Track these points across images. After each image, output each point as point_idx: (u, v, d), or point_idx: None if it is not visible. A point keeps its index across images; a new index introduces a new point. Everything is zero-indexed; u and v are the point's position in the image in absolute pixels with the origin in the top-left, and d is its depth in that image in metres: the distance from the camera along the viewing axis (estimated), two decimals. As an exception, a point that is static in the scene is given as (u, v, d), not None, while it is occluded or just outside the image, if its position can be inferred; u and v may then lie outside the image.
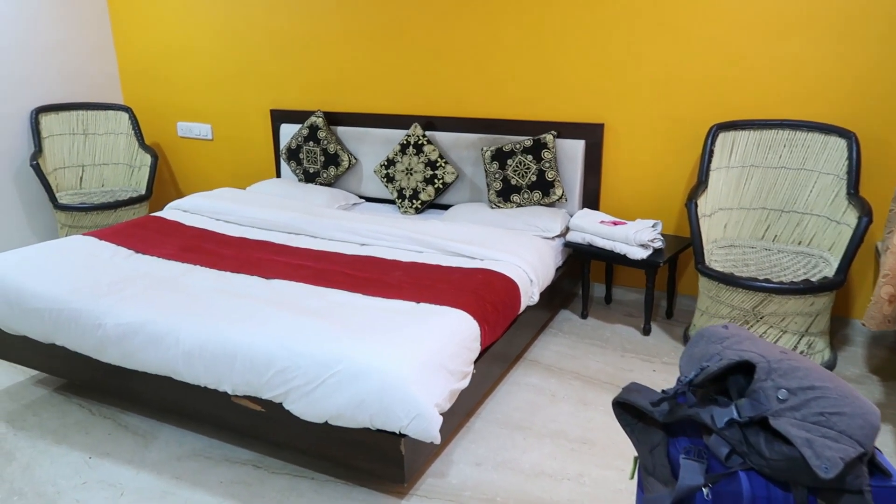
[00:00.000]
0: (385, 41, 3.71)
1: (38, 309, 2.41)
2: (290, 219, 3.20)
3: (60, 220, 4.05)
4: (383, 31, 3.69)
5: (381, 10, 3.66)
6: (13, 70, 4.05)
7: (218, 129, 4.43)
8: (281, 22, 3.96)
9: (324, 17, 3.82)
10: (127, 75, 4.68)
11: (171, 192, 4.80)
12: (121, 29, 4.57)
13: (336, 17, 3.79)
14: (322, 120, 3.83)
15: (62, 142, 4.29)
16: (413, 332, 2.06)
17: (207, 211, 3.41)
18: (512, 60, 3.44)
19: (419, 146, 3.56)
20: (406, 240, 2.95)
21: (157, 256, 2.81)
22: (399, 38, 3.66)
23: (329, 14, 3.81)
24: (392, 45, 3.69)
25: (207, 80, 4.34)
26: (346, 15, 3.76)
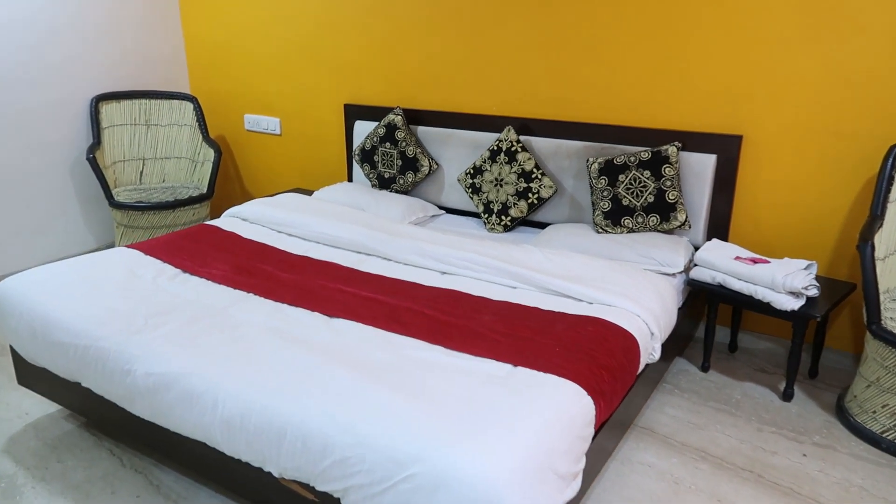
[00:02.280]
0: (477, 30, 3.19)
1: (62, 343, 2.04)
2: (361, 236, 2.75)
3: (116, 219, 3.74)
4: (475, 19, 3.18)
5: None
6: (74, 54, 3.76)
7: (287, 124, 4.04)
8: (360, 7, 3.51)
9: (408, 1, 3.34)
10: (194, 62, 4.34)
11: (235, 189, 4.45)
12: (190, 12, 4.23)
13: (422, 2, 3.30)
14: (401, 118, 3.36)
15: (122, 133, 3.99)
16: (513, 417, 1.56)
17: (268, 221, 3.00)
18: (628, 54, 2.87)
19: (512, 153, 3.04)
20: (496, 271, 2.45)
21: (206, 279, 2.41)
22: (494, 26, 3.14)
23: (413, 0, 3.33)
24: (485, 34, 3.18)
25: (278, 70, 3.94)
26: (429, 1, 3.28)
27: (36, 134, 3.66)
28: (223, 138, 4.37)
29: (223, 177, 4.48)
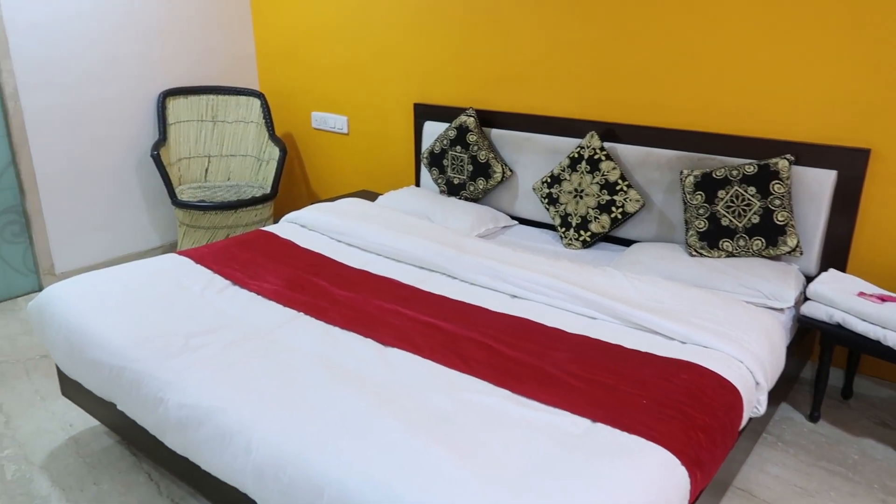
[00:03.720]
0: (559, 25, 2.89)
1: (97, 361, 1.90)
2: (424, 251, 2.51)
3: (179, 218, 3.65)
4: (556, 14, 2.88)
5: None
6: (144, 49, 3.69)
7: (355, 123, 3.85)
8: (433, 3, 3.27)
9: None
10: (264, 58, 4.22)
11: (301, 190, 4.31)
12: (261, 8, 4.10)
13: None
14: (474, 120, 3.11)
15: (189, 129, 3.90)
16: (588, 492, 1.29)
17: (327, 229, 2.81)
18: (731, 52, 2.51)
19: (595, 162, 2.74)
20: (574, 298, 2.16)
21: (256, 293, 2.23)
22: (577, 21, 2.84)
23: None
24: (567, 30, 2.88)
25: (347, 67, 3.76)
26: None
27: (104, 129, 3.60)
28: (290, 136, 4.23)
29: (288, 176, 4.35)
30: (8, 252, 3.40)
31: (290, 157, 4.28)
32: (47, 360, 2.80)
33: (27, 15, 3.21)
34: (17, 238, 3.42)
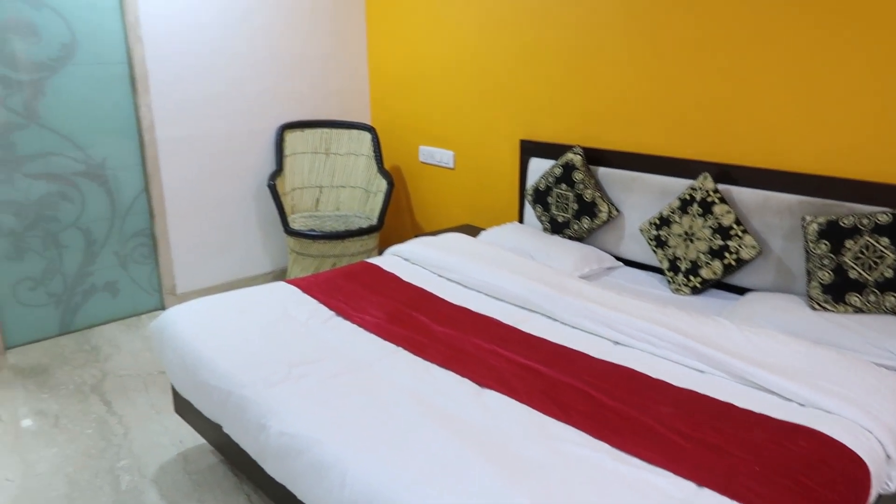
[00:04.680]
0: (670, 62, 2.81)
1: (207, 384, 1.99)
2: (524, 290, 2.48)
3: (290, 245, 3.81)
4: (667, 51, 2.81)
5: (666, 23, 2.78)
6: (268, 86, 3.92)
7: (461, 158, 3.89)
8: (542, 41, 3.27)
9: (593, 32, 3.05)
10: (376, 94, 4.37)
11: (406, 222, 4.40)
12: (376, 46, 4.27)
13: (607, 32, 2.99)
14: (580, 158, 3.07)
15: (303, 160, 4.09)
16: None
17: (430, 263, 2.84)
18: (860, 88, 2.34)
19: (707, 204, 2.62)
20: (681, 349, 2.06)
21: (358, 325, 2.28)
22: (688, 58, 2.75)
23: (600, 29, 3.02)
24: (679, 67, 2.79)
25: (455, 102, 3.82)
26: (619, 29, 2.95)
27: (227, 160, 3.84)
28: (398, 169, 4.34)
29: (395, 208, 4.45)
30: (136, 272, 3.66)
31: (396, 189, 4.39)
32: (164, 376, 2.98)
33: (166, 56, 3.49)
34: (146, 259, 3.68)
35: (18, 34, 3.09)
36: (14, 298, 3.28)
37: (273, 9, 3.85)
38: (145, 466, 2.36)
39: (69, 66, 3.24)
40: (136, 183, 3.57)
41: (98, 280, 3.54)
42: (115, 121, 3.43)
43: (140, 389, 2.89)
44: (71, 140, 3.31)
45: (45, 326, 3.40)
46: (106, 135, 3.42)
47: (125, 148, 3.49)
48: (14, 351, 3.27)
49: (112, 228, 3.53)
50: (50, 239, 3.34)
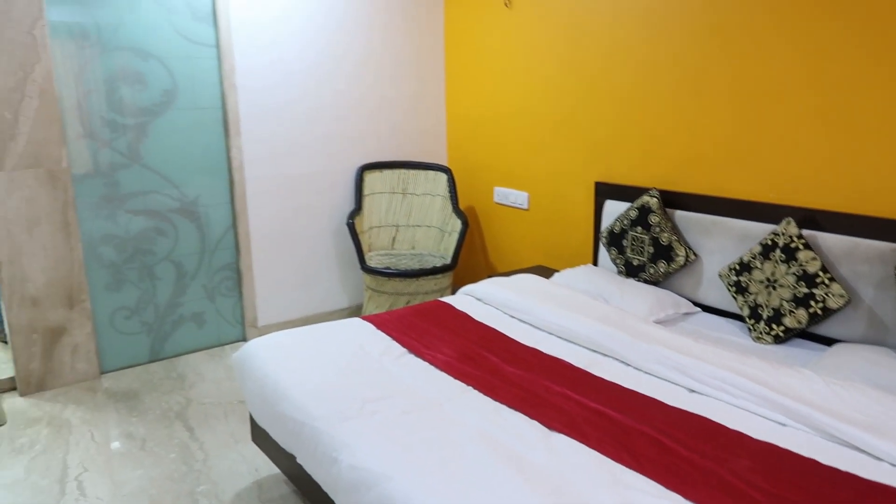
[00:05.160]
0: (750, 103, 2.77)
1: (284, 415, 2.06)
2: (597, 333, 2.46)
3: (366, 282, 3.91)
4: (747, 91, 2.76)
5: (748, 64, 2.74)
6: (351, 127, 4.09)
7: (535, 199, 3.92)
8: (617, 80, 3.29)
9: (670, 73, 3.04)
10: (453, 135, 4.48)
11: (480, 262, 4.44)
12: (454, 89, 4.39)
13: (686, 74, 2.98)
14: (657, 201, 3.03)
15: (381, 200, 4.21)
16: None
17: (502, 304, 2.85)
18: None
19: (791, 250, 2.53)
20: (761, 400, 1.98)
21: (429, 363, 2.31)
22: (770, 98, 2.69)
23: (678, 70, 3.01)
24: (760, 107, 2.74)
25: (530, 144, 3.87)
26: (698, 70, 2.93)
27: (310, 198, 4.01)
28: (472, 209, 4.41)
29: (469, 248, 4.51)
30: (222, 304, 3.84)
31: (471, 229, 4.45)
32: (243, 405, 3.09)
33: (257, 102, 3.71)
34: (231, 292, 3.86)
35: (127, 82, 3.36)
36: (111, 326, 3.50)
37: (358, 57, 4.04)
38: (222, 492, 2.44)
39: (170, 111, 3.50)
40: (225, 219, 3.77)
41: (187, 311, 3.73)
42: (209, 161, 3.66)
43: (221, 417, 3.01)
44: (168, 179, 3.55)
45: (137, 353, 3.61)
46: (200, 174, 3.64)
47: (216, 186, 3.71)
48: (108, 375, 3.47)
49: (202, 262, 3.74)
50: (145, 271, 3.56)
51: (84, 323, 3.36)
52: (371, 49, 4.09)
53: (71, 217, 3.25)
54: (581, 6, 3.43)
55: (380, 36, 4.11)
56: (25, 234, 3.15)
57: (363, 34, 4.04)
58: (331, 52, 3.93)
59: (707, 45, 2.90)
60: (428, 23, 4.31)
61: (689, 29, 2.96)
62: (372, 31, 4.07)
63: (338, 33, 3.94)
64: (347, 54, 4.00)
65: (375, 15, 4.07)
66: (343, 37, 3.97)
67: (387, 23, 4.13)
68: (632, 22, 3.19)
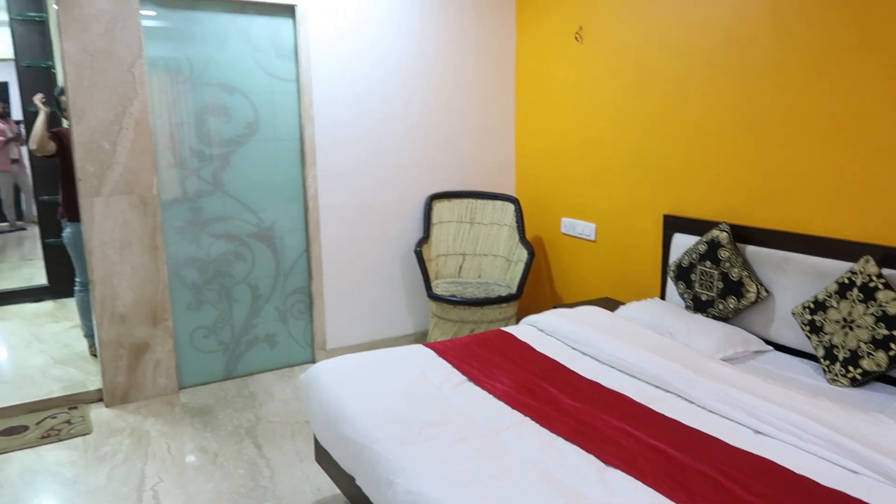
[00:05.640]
0: (826, 137, 2.69)
1: (345, 437, 2.13)
2: (659, 368, 2.42)
3: (432, 309, 3.98)
4: (823, 124, 2.68)
5: (823, 96, 2.67)
6: (420, 157, 4.21)
7: (602, 230, 3.90)
8: (687, 112, 3.26)
9: (743, 105, 2.99)
10: (522, 165, 4.53)
11: (546, 292, 4.43)
12: (524, 121, 4.45)
13: (758, 106, 2.92)
14: (727, 235, 2.97)
15: (449, 229, 4.29)
16: None
17: (564, 335, 2.85)
18: None
19: (870, 290, 2.43)
20: (832, 445, 1.90)
21: (488, 391, 2.34)
22: (847, 131, 2.61)
23: (750, 102, 2.96)
24: (836, 141, 2.65)
25: (597, 175, 3.87)
26: (772, 102, 2.87)
27: (379, 226, 4.13)
28: (539, 239, 4.42)
29: (535, 278, 4.51)
30: (294, 326, 3.99)
31: (537, 259, 4.46)
32: (309, 425, 3.18)
33: (332, 133, 3.88)
34: (302, 315, 4.01)
35: (214, 115, 3.59)
36: (190, 344, 3.70)
37: (430, 91, 4.16)
38: (286, 510, 2.53)
39: (251, 142, 3.70)
40: (299, 245, 3.93)
41: (260, 332, 3.89)
42: (285, 189, 3.84)
43: (287, 436, 3.11)
44: (247, 206, 3.74)
45: (213, 371, 3.78)
46: (277, 201, 3.82)
47: (292, 213, 3.88)
48: (186, 391, 3.66)
49: (276, 285, 3.90)
50: (224, 292, 3.75)
51: (166, 340, 3.57)
52: (443, 83, 4.21)
53: (158, 240, 3.47)
54: (649, 41, 3.44)
55: (452, 71, 4.23)
56: (118, 256, 3.38)
57: (436, 69, 4.17)
58: (404, 85, 4.07)
59: (779, 76, 2.84)
60: (500, 58, 4.40)
61: (761, 61, 2.91)
62: (445, 66, 4.19)
63: (410, 68, 4.08)
64: (420, 88, 4.13)
65: (448, 51, 4.19)
66: (416, 71, 4.10)
67: (459, 58, 4.24)
68: (700, 55, 3.17)
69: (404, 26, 4.02)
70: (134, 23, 3.26)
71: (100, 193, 3.30)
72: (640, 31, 3.50)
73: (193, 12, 3.47)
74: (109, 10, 3.19)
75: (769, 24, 2.87)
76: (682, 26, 3.26)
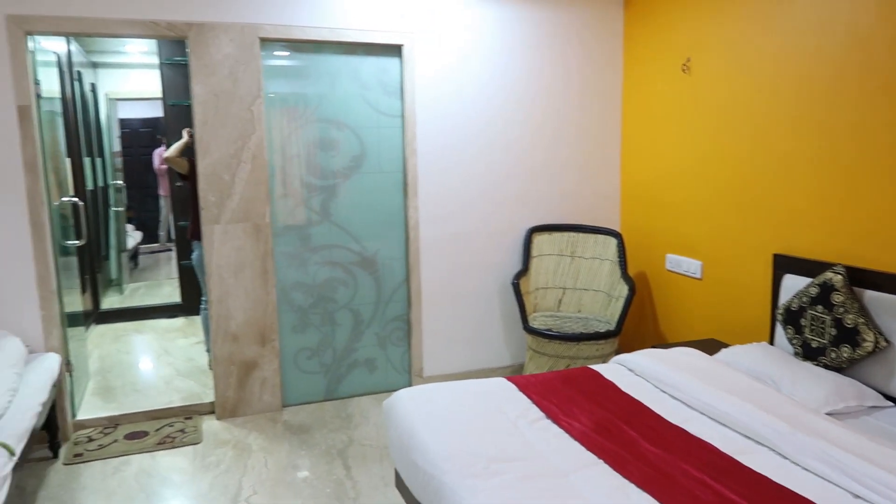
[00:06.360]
0: (965, 175, 2.43)
1: (415, 464, 2.17)
2: (754, 419, 2.26)
3: (528, 342, 3.95)
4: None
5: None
6: (522, 189, 4.23)
7: (709, 268, 3.72)
8: (800, 147, 3.06)
9: (859, 139, 2.77)
10: (627, 199, 4.43)
11: (648, 329, 4.27)
12: (629, 154, 4.36)
13: (876, 141, 2.69)
14: (841, 278, 2.74)
15: (549, 262, 4.25)
16: None
17: (653, 376, 2.74)
18: None
19: None
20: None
21: (564, 430, 2.29)
22: None
23: (867, 136, 2.73)
24: (977, 181, 2.39)
25: (705, 212, 3.70)
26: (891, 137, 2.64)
27: (478, 256, 4.18)
28: (643, 275, 4.28)
29: (638, 315, 4.36)
30: (392, 352, 4.11)
31: (641, 296, 4.31)
32: (397, 451, 3.25)
33: (434, 166, 3.99)
34: (400, 342, 4.12)
35: (324, 149, 3.81)
36: (294, 364, 3.90)
37: (532, 123, 4.19)
38: (365, 533, 2.59)
39: (357, 174, 3.89)
40: (400, 273, 4.05)
41: (360, 356, 4.04)
42: (388, 219, 3.99)
43: (376, 460, 3.20)
44: (352, 235, 3.92)
45: (314, 391, 3.96)
46: (380, 231, 3.98)
47: (394, 243, 4.02)
48: (288, 409, 3.85)
49: (376, 312, 4.04)
50: (327, 316, 3.94)
51: (272, 359, 3.79)
52: (545, 115, 4.22)
53: (269, 265, 3.71)
54: (760, 71, 3.27)
55: (556, 103, 4.23)
56: (232, 279, 3.65)
57: (539, 101, 4.19)
58: (505, 118, 4.12)
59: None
60: (605, 89, 4.36)
61: (881, 89, 2.69)
62: (549, 97, 4.21)
63: (512, 101, 4.13)
64: (522, 121, 4.17)
65: (552, 84, 4.20)
66: (518, 104, 4.14)
67: (564, 91, 4.24)
68: (818, 87, 2.98)
69: (506, 61, 4.09)
70: (255, 66, 3.55)
71: (219, 221, 3.59)
72: (750, 60, 3.34)
73: (309, 54, 3.73)
74: (233, 55, 3.50)
75: (889, 48, 2.65)
76: (795, 55, 3.09)
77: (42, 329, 3.36)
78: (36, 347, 3.34)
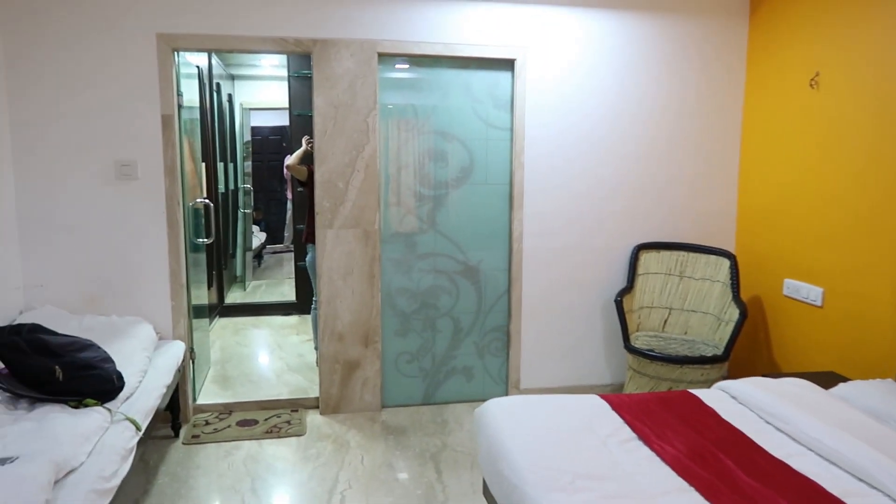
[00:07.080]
0: None
1: (501, 474, 2.19)
2: (865, 458, 2.10)
3: (629, 362, 3.86)
4: None
5: None
6: (630, 205, 4.15)
7: (831, 296, 3.48)
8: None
9: None
10: (744, 219, 4.22)
11: (762, 356, 4.05)
12: (749, 171, 4.16)
13: None
14: (982, 314, 2.50)
15: (655, 281, 4.14)
16: None
17: (758, 406, 2.60)
18: None
19: None
20: None
21: (656, 454, 2.24)
22: None
23: None
24: None
25: (828, 234, 3.47)
26: None
27: (581, 272, 4.14)
28: (757, 300, 4.06)
29: (751, 341, 4.14)
30: (490, 362, 4.14)
31: (755, 321, 4.10)
32: (489, 460, 3.27)
33: (540, 179, 4.00)
34: (499, 353, 4.14)
35: (433, 160, 3.93)
36: (395, 367, 4.03)
37: (645, 137, 4.10)
38: (451, 537, 2.64)
39: (464, 185, 3.97)
40: (502, 284, 4.09)
41: (458, 364, 4.10)
42: (493, 231, 4.04)
43: (467, 467, 3.24)
44: (457, 244, 4.00)
45: (412, 395, 4.07)
46: (484, 242, 4.04)
47: (497, 254, 4.06)
48: (387, 410, 3.98)
49: (476, 321, 4.09)
50: (428, 323, 4.04)
51: (374, 361, 3.93)
52: (659, 129, 4.12)
53: (376, 270, 3.86)
54: (894, 86, 3.04)
55: (670, 117, 4.12)
56: (341, 281, 3.83)
57: (654, 115, 4.10)
58: (614, 132, 4.06)
59: None
60: (725, 105, 4.19)
61: None
62: (664, 112, 4.11)
63: (625, 115, 4.06)
64: (633, 136, 4.09)
65: (669, 97, 4.10)
66: (632, 117, 4.07)
67: (679, 106, 4.12)
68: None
69: (620, 75, 4.03)
70: (372, 79, 3.72)
71: (332, 226, 3.78)
72: (886, 75, 3.12)
73: (423, 68, 3.86)
74: (353, 69, 3.69)
75: None
76: (937, 70, 2.85)
77: (171, 318, 3.68)
78: (165, 334, 3.66)
